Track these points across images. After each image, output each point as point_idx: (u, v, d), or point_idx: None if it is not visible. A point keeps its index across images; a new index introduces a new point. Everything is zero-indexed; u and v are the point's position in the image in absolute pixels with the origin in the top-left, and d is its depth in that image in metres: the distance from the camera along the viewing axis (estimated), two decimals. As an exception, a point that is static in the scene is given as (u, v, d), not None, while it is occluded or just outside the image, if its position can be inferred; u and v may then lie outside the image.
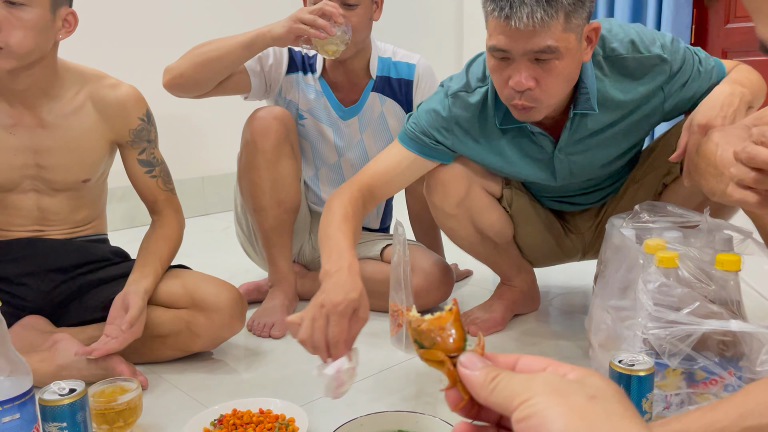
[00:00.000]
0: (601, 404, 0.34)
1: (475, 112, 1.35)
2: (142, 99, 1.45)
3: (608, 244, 1.26)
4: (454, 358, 0.41)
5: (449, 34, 3.81)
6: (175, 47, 2.80)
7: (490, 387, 0.37)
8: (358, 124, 1.71)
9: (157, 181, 1.48)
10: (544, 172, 1.41)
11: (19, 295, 1.38)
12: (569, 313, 1.70)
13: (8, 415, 0.94)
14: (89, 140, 1.39)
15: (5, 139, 1.32)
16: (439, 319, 0.41)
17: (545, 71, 1.16)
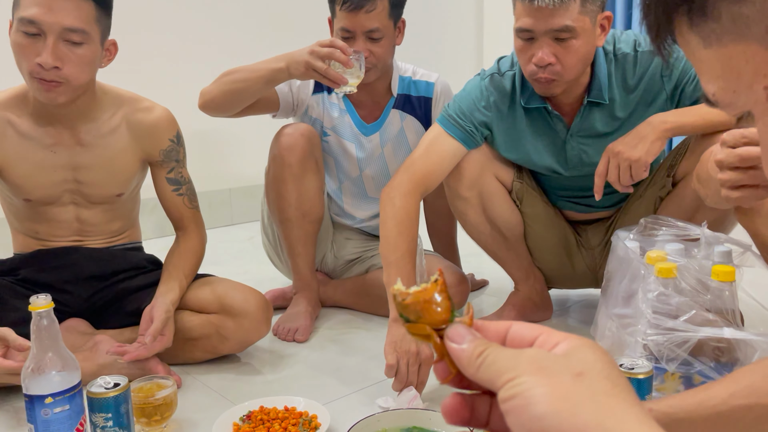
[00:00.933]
0: (588, 382, 0.33)
1: (506, 92, 1.51)
2: (173, 121, 1.54)
3: (614, 256, 1.33)
4: (442, 330, 0.40)
5: (469, 50, 3.89)
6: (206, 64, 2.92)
7: (477, 363, 0.37)
8: (379, 140, 1.80)
9: (183, 199, 1.56)
10: (556, 157, 1.52)
11: (61, 301, 1.48)
12: (584, 322, 1.75)
13: (59, 406, 1.04)
14: (123, 159, 1.48)
15: (47, 157, 1.42)
16: (424, 292, 0.39)
17: (564, 49, 1.33)
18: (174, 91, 2.81)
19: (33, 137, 1.40)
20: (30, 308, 1.01)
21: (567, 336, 0.37)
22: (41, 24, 1.25)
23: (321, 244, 1.89)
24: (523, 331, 0.39)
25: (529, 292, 1.69)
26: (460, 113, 1.51)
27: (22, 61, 1.29)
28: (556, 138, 1.52)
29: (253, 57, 3.04)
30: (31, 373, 1.02)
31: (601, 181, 1.38)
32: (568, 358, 0.35)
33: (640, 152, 1.33)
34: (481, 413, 0.40)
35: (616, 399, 0.33)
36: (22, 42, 1.27)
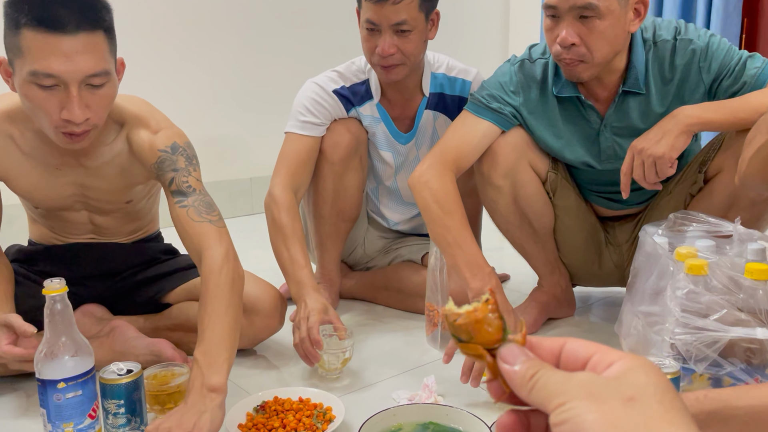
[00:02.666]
0: (639, 408, 0.33)
1: (536, 80, 1.46)
2: (171, 136, 1.33)
3: (641, 251, 1.29)
4: (494, 350, 0.39)
5: (495, 38, 3.83)
6: (229, 58, 2.92)
7: (529, 386, 0.36)
8: (414, 143, 1.74)
9: (187, 211, 1.28)
10: (589, 149, 1.47)
11: (78, 293, 1.47)
12: (607, 320, 1.71)
13: (72, 391, 1.03)
14: (126, 177, 1.38)
15: (54, 174, 1.34)
16: (475, 312, 0.39)
17: (588, 29, 1.29)
18: (195, 83, 2.81)
19: (36, 156, 1.31)
20: (44, 292, 1.01)
21: (622, 356, 0.36)
22: (61, 76, 1.10)
23: (353, 239, 1.86)
24: (577, 349, 0.39)
25: (553, 288, 1.65)
26: (488, 97, 1.46)
27: (42, 115, 1.15)
28: (589, 129, 1.46)
29: (274, 53, 3.03)
30: (44, 358, 1.01)
31: (627, 179, 1.33)
32: (619, 381, 0.35)
33: (663, 148, 1.28)
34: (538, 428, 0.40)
35: (668, 426, 0.32)
36: (38, 95, 1.12)
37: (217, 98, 2.91)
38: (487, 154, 1.47)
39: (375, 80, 1.66)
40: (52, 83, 1.11)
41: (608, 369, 0.36)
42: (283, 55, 3.05)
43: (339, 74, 1.67)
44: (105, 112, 1.20)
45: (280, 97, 2.98)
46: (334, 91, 1.64)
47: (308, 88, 1.65)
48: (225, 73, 2.92)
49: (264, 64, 3.01)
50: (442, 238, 1.35)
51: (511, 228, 1.57)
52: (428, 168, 1.40)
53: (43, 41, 1.07)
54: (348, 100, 1.65)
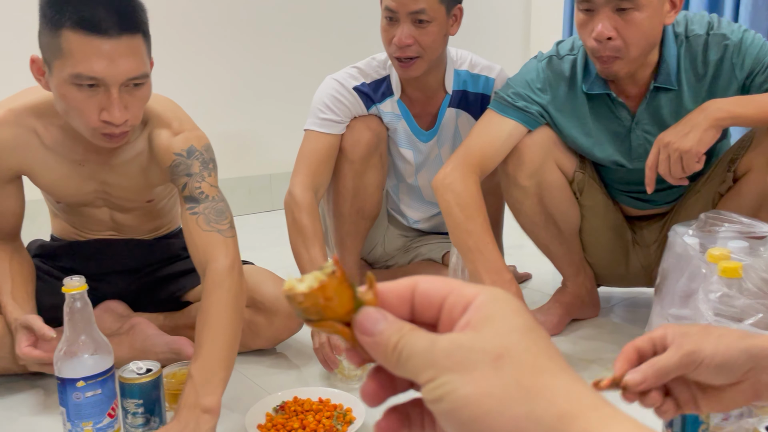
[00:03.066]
0: (509, 366, 0.31)
1: (564, 77, 1.41)
2: (190, 139, 1.31)
3: (670, 252, 1.25)
4: (349, 319, 0.36)
5: (516, 35, 3.79)
6: (249, 57, 2.91)
7: (394, 358, 0.33)
8: (436, 142, 1.71)
9: (197, 219, 1.25)
10: (619, 147, 1.43)
11: (97, 289, 1.47)
12: (630, 321, 1.68)
13: (91, 390, 1.02)
14: (146, 177, 1.37)
15: (76, 169, 1.34)
16: (321, 289, 0.34)
17: (626, 22, 1.24)
18: (215, 79, 2.81)
19: (60, 152, 1.31)
20: (63, 290, 1.00)
21: (476, 293, 0.34)
22: (104, 79, 1.09)
23: (373, 237, 1.84)
24: (430, 291, 0.35)
25: (578, 289, 1.61)
26: (514, 95, 1.41)
27: (80, 116, 1.15)
28: (620, 127, 1.42)
29: (294, 48, 3.01)
30: (63, 356, 1.01)
31: (652, 173, 1.28)
32: (482, 335, 0.32)
33: (691, 142, 1.23)
34: (403, 382, 0.37)
35: (541, 376, 0.31)
36: (77, 97, 1.12)
37: (237, 94, 2.90)
38: (512, 154, 1.43)
39: (396, 76, 1.62)
40: (93, 84, 1.10)
41: (465, 314, 0.33)
42: (304, 51, 3.03)
43: (359, 70, 1.63)
44: (141, 112, 1.20)
45: (300, 93, 2.96)
46: (354, 88, 1.61)
47: (328, 85, 1.62)
48: (245, 68, 2.91)
49: (284, 60, 3.00)
50: (464, 243, 1.33)
51: (536, 228, 1.53)
52: (452, 170, 1.37)
53: (86, 43, 1.07)
54: (368, 96, 1.62)
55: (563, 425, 0.29)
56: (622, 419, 0.29)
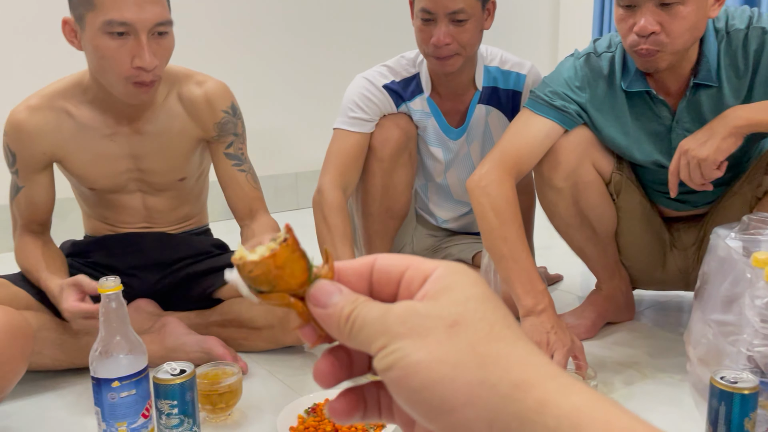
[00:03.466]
0: (463, 333, 0.29)
1: (603, 74, 1.38)
2: (227, 92, 1.43)
3: (712, 256, 1.21)
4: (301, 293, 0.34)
5: (544, 35, 3.74)
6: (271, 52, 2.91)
7: (347, 329, 0.32)
8: (465, 139, 1.69)
9: (246, 177, 1.43)
10: (660, 147, 1.39)
11: (129, 284, 1.48)
12: (663, 325, 1.64)
13: (126, 390, 1.02)
14: (180, 141, 1.41)
15: (107, 147, 1.37)
16: (273, 258, 0.33)
17: (670, 16, 1.20)
18: (242, 75, 2.81)
19: (91, 127, 1.36)
20: (99, 290, 1.00)
21: (435, 266, 0.33)
22: (134, 24, 1.18)
23: (402, 236, 1.82)
24: (388, 266, 0.34)
25: (613, 291, 1.58)
26: (551, 93, 1.38)
27: (113, 66, 1.22)
28: (660, 126, 1.38)
29: (322, 48, 3.01)
30: (98, 356, 1.01)
31: (675, 179, 1.26)
32: (438, 305, 0.31)
33: (708, 151, 1.20)
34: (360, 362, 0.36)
35: (496, 344, 0.29)
36: (111, 45, 1.20)
37: (263, 92, 2.90)
38: (548, 154, 1.40)
39: (426, 74, 1.61)
40: (124, 31, 1.19)
41: (423, 287, 0.32)
42: (331, 50, 3.02)
43: (389, 68, 1.63)
44: (166, 63, 1.27)
45: (326, 91, 2.96)
46: (384, 86, 1.60)
47: (358, 84, 1.61)
48: (271, 67, 2.91)
49: (311, 59, 2.99)
50: (497, 249, 1.31)
51: (571, 230, 1.50)
52: (487, 172, 1.34)
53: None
54: (398, 94, 1.61)
55: (519, 393, 0.28)
56: (580, 389, 0.28)
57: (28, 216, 1.41)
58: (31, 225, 1.41)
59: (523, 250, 1.29)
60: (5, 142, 1.37)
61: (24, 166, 1.37)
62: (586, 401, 0.27)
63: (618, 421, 0.26)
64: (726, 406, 0.99)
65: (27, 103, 1.35)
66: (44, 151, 1.36)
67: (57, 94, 1.36)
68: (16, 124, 1.34)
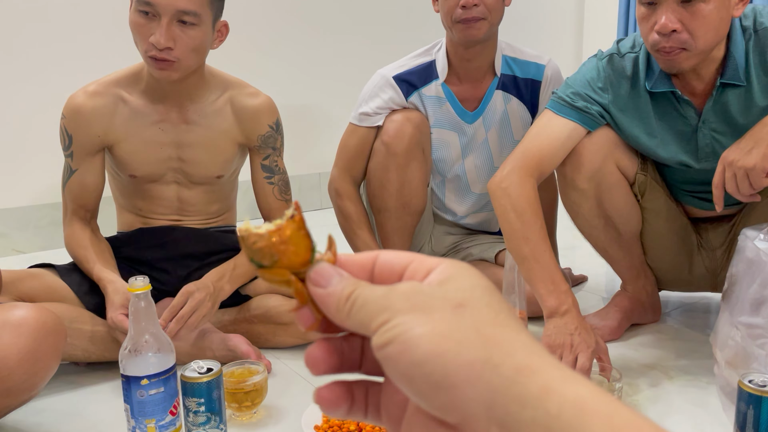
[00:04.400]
0: (469, 314, 0.30)
1: (626, 75, 1.38)
2: (274, 109, 1.55)
3: (740, 257, 1.20)
4: (303, 272, 0.34)
5: (569, 34, 3.71)
6: (294, 57, 2.92)
7: (347, 307, 0.32)
8: (482, 124, 1.70)
9: (273, 189, 1.56)
10: (685, 147, 1.38)
11: (158, 279, 1.51)
12: (691, 326, 1.62)
13: (154, 388, 1.04)
14: (224, 140, 1.50)
15: (154, 134, 1.46)
16: (278, 231, 0.33)
17: (691, 14, 1.19)
18: (269, 80, 2.83)
19: (143, 113, 1.45)
20: (128, 290, 1.02)
21: (440, 261, 0.33)
22: (157, 6, 1.29)
23: (420, 236, 1.83)
24: (391, 260, 0.34)
25: (638, 293, 1.56)
26: (574, 95, 1.38)
27: (138, 40, 1.34)
28: (685, 126, 1.36)
29: (346, 50, 3.02)
30: (128, 354, 1.03)
31: (720, 192, 1.23)
32: (444, 288, 0.31)
33: (755, 158, 1.17)
34: (352, 357, 0.35)
35: (501, 328, 0.29)
36: (139, 21, 1.32)
37: (287, 94, 2.92)
38: (570, 155, 1.39)
39: (442, 59, 1.66)
40: (150, 11, 1.30)
41: (428, 277, 0.32)
42: (354, 52, 3.04)
43: (406, 59, 1.70)
44: (190, 53, 1.34)
45: (350, 92, 2.97)
46: (395, 77, 1.66)
47: (372, 79, 1.70)
48: (295, 67, 2.93)
49: (335, 60, 3.01)
50: (519, 250, 1.30)
51: (595, 232, 1.49)
52: (509, 173, 1.34)
53: None
54: (410, 83, 1.66)
55: (522, 377, 0.27)
56: (583, 380, 0.27)
57: (78, 201, 1.48)
58: (80, 211, 1.49)
59: (545, 251, 1.28)
60: (63, 124, 1.46)
61: (79, 148, 1.45)
62: (590, 393, 0.27)
63: (620, 415, 0.26)
64: (754, 410, 0.97)
65: (85, 89, 1.45)
66: (99, 134, 1.45)
67: (114, 82, 1.46)
68: (74, 107, 1.43)
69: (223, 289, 1.42)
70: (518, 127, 1.71)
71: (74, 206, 1.48)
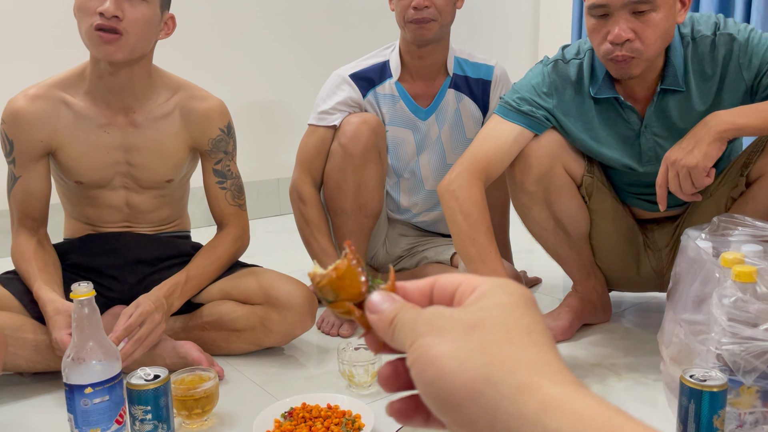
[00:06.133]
0: (479, 334, 0.31)
1: (571, 81, 1.41)
2: (225, 112, 1.52)
3: (683, 257, 1.23)
4: (363, 303, 0.38)
5: (525, 38, 3.77)
6: (256, 57, 2.91)
7: (390, 330, 0.35)
8: (435, 121, 1.74)
9: (225, 194, 1.53)
10: (629, 151, 1.42)
11: (108, 287, 1.48)
12: (642, 326, 1.66)
13: (99, 396, 1.02)
14: (173, 144, 1.46)
15: (100, 138, 1.41)
16: (336, 269, 0.38)
17: (643, 23, 1.23)
18: (226, 83, 2.81)
19: (87, 116, 1.40)
20: (71, 296, 0.99)
21: (484, 281, 0.35)
22: None
23: (374, 240, 1.84)
24: (446, 283, 0.37)
25: (589, 293, 1.59)
26: (520, 99, 1.41)
27: (84, 18, 1.29)
28: (629, 131, 1.40)
29: (302, 47, 3.01)
30: (71, 362, 1.00)
31: (663, 191, 1.27)
32: (465, 310, 0.33)
33: (696, 158, 1.22)
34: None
35: (507, 346, 0.31)
36: None
37: (246, 99, 2.90)
38: (519, 158, 1.42)
39: (396, 59, 1.71)
40: None
41: (470, 297, 0.34)
42: (312, 54, 3.03)
43: (360, 60, 1.74)
44: (137, 28, 1.30)
45: (309, 95, 2.96)
46: (351, 75, 1.70)
47: (329, 79, 1.73)
48: (255, 65, 2.91)
49: (292, 64, 3.00)
50: (466, 251, 1.33)
51: (545, 233, 1.52)
52: (457, 176, 1.37)
53: None
54: (366, 80, 1.70)
55: (521, 395, 0.28)
56: (586, 396, 0.28)
57: (24, 209, 1.43)
58: (26, 220, 1.43)
59: (491, 251, 1.31)
60: (2, 129, 1.40)
61: (21, 153, 1.40)
62: (590, 407, 0.27)
63: (622, 427, 0.26)
64: (695, 404, 1.00)
65: (26, 92, 1.40)
66: (41, 139, 1.39)
67: (55, 85, 1.41)
68: (14, 112, 1.38)
69: (173, 305, 1.39)
70: (470, 125, 1.74)
71: (20, 215, 1.43)
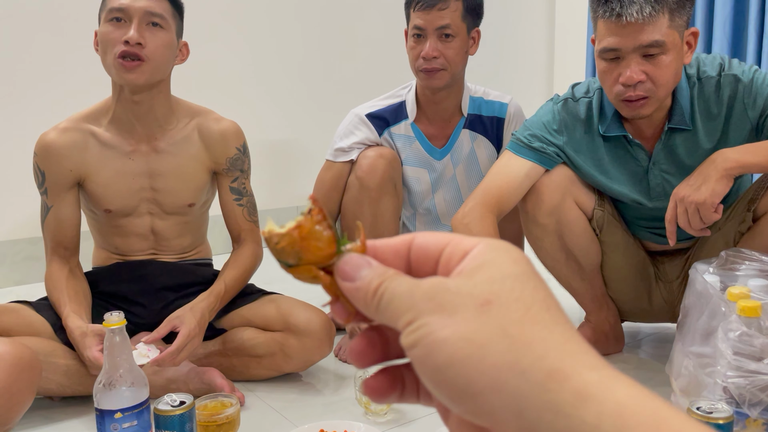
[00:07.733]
0: (496, 312, 0.27)
1: (580, 119, 1.46)
2: (240, 132, 1.60)
3: (692, 290, 1.27)
4: (331, 266, 0.33)
5: (540, 75, 3.83)
6: (272, 84, 2.99)
7: (374, 303, 0.30)
8: (450, 161, 1.79)
9: (242, 211, 1.61)
10: (638, 187, 1.46)
11: (135, 313, 1.53)
12: (655, 357, 1.67)
13: (128, 421, 1.06)
14: (194, 167, 1.54)
15: (126, 165, 1.50)
16: (299, 228, 0.32)
17: (654, 65, 1.28)
18: (243, 111, 2.89)
19: (113, 145, 1.49)
20: (104, 325, 1.05)
21: (475, 244, 0.30)
22: (127, 10, 1.37)
23: None
24: (427, 243, 0.32)
25: (601, 323, 1.62)
26: (531, 136, 1.46)
27: (109, 49, 1.39)
28: (637, 167, 1.45)
29: (318, 76, 3.09)
30: (102, 388, 1.05)
31: (672, 227, 1.32)
32: (471, 282, 0.29)
33: (704, 194, 1.26)
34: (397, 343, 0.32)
35: (531, 327, 0.27)
36: (109, 29, 1.38)
37: (262, 126, 2.98)
38: (531, 192, 1.47)
39: (412, 101, 1.76)
40: (121, 17, 1.38)
41: (460, 263, 0.30)
42: (331, 91, 3.11)
43: (377, 100, 1.79)
44: (159, 53, 1.41)
45: (327, 129, 3.03)
46: (368, 115, 1.76)
47: (346, 118, 1.79)
48: (276, 103, 2.99)
49: (314, 98, 3.08)
50: None
51: (557, 265, 1.56)
52: (470, 210, 1.42)
53: None
54: (382, 120, 1.75)
55: (553, 383, 0.25)
56: (625, 382, 0.25)
57: (56, 238, 1.51)
58: (59, 249, 1.51)
59: None
60: (35, 162, 1.50)
61: (53, 184, 1.49)
62: (632, 397, 0.25)
63: (668, 422, 0.24)
64: (703, 436, 1.02)
65: (56, 126, 1.50)
66: (71, 168, 1.48)
67: (83, 118, 1.51)
68: (45, 145, 1.48)
69: (212, 316, 1.48)
70: (485, 162, 1.79)
71: (53, 244, 1.51)
